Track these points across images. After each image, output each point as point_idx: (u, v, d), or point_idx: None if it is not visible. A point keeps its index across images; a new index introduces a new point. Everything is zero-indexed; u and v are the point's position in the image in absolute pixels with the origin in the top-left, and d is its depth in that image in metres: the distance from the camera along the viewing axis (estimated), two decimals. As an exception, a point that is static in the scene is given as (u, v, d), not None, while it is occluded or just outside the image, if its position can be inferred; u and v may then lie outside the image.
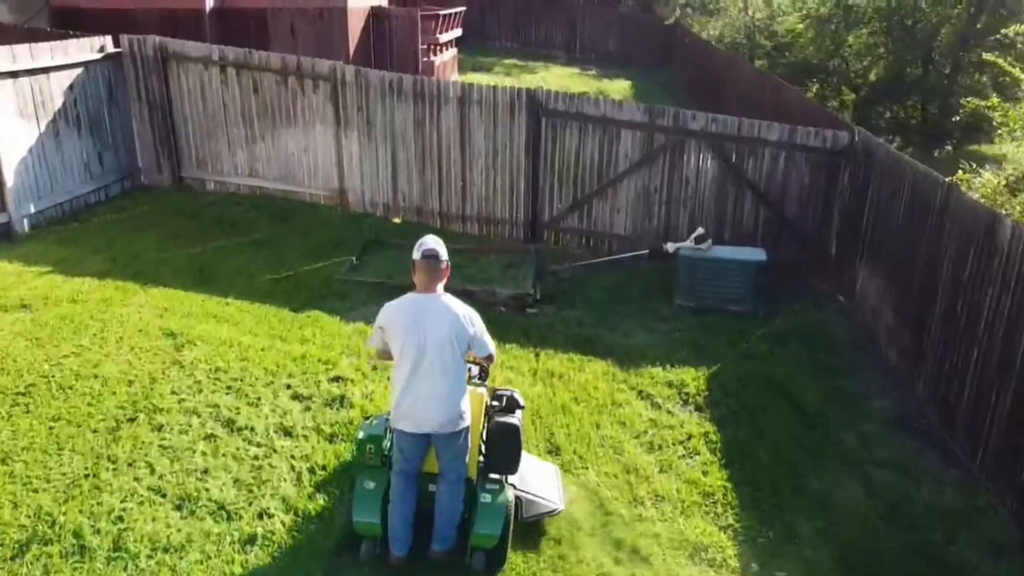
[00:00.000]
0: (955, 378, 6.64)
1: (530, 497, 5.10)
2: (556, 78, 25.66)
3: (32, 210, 9.38)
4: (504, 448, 4.89)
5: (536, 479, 5.29)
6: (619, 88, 24.65)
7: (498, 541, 4.71)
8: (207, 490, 5.25)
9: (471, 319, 4.62)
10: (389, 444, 4.87)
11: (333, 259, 9.38)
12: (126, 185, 11.04)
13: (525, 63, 27.43)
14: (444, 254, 4.59)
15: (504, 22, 30.35)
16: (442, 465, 4.71)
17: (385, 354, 4.70)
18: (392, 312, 4.60)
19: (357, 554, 4.75)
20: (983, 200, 7.53)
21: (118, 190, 10.88)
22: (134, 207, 10.46)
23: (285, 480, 5.44)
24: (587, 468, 6.00)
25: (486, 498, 4.75)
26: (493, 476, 4.91)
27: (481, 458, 4.98)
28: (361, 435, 4.96)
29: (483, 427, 4.97)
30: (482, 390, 5.10)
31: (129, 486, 5.18)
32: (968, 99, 12.76)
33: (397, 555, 4.67)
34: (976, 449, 6.25)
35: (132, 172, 11.17)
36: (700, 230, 9.14)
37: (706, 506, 5.75)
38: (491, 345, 4.78)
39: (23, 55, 9.13)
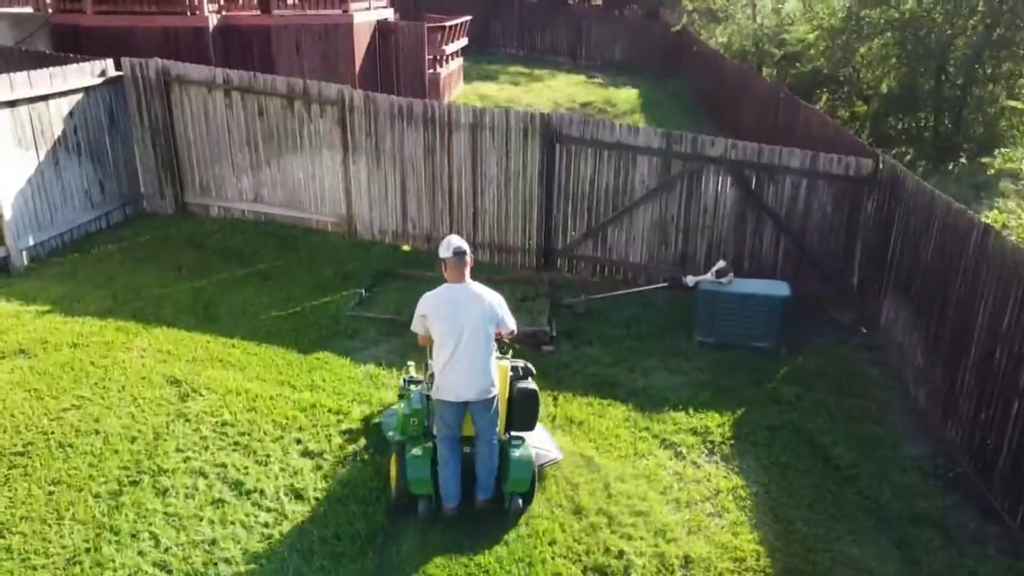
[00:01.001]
0: (992, 430, 6.35)
1: (537, 451, 5.95)
2: (563, 86, 25.44)
3: (31, 242, 9.12)
4: (526, 410, 5.83)
5: (535, 436, 6.06)
6: (626, 97, 24.38)
7: (529, 486, 5.65)
8: (215, 564, 4.98)
9: (500, 303, 5.52)
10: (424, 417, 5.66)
11: (341, 292, 9.11)
12: (128, 212, 10.77)
13: (531, 70, 27.19)
14: (468, 249, 5.52)
15: (509, 29, 30.09)
16: (479, 428, 5.52)
17: (427, 338, 5.51)
18: (433, 302, 5.41)
19: (415, 514, 5.40)
20: (1020, 242, 7.23)
21: (120, 217, 10.61)
22: (135, 236, 10.18)
23: (297, 550, 5.16)
24: (613, 531, 5.73)
25: (515, 453, 5.62)
26: (515, 434, 5.79)
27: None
28: (406, 410, 5.62)
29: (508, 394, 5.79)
30: (505, 362, 5.85)
31: (133, 562, 4.92)
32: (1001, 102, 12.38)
33: (451, 507, 5.48)
34: (1016, 507, 5.97)
35: (134, 198, 10.90)
36: (721, 263, 8.85)
37: (738, 573, 5.47)
38: (513, 322, 5.66)
39: (21, 83, 8.86)
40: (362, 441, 6.28)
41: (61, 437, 5.97)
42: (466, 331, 5.28)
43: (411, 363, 6.73)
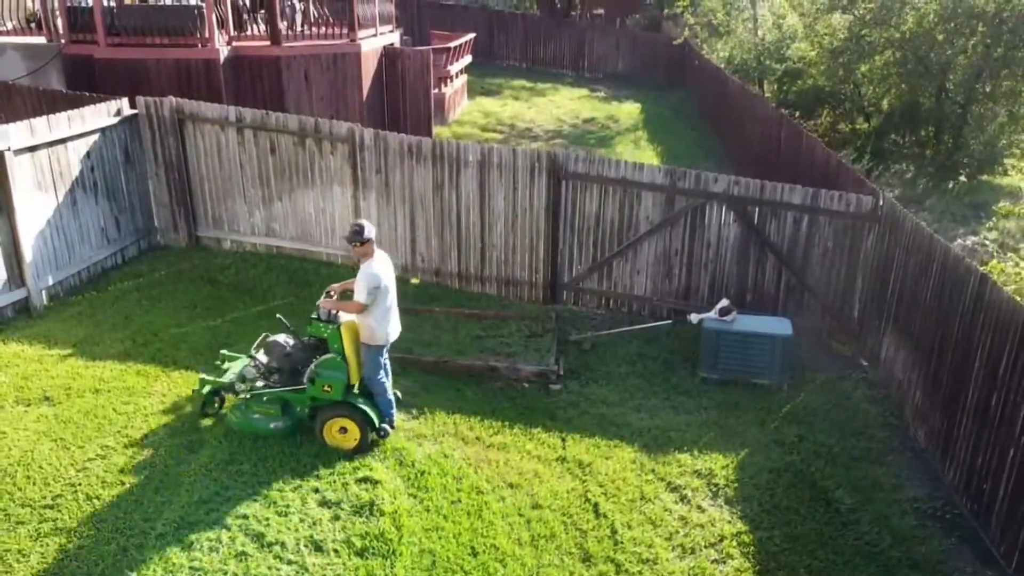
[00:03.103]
0: (989, 475, 6.55)
1: None
2: (566, 101, 25.65)
3: (51, 282, 9.34)
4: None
5: None
6: (629, 112, 24.58)
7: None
8: (240, 619, 5.18)
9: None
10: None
11: (353, 329, 9.30)
12: (142, 246, 11.00)
13: (534, 84, 27.39)
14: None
15: (513, 42, 30.30)
16: (388, 366, 7.18)
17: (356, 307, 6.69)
18: (383, 273, 6.68)
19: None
20: (1017, 293, 7.41)
21: (135, 252, 10.83)
22: (150, 272, 10.40)
23: (318, 606, 5.37)
24: (621, 581, 5.93)
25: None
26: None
27: None
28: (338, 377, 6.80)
29: None
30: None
31: (162, 619, 5.12)
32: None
33: (393, 428, 7.16)
34: (1012, 552, 6.16)
35: (148, 232, 11.13)
36: (724, 302, 9.05)
37: (742, 622, 5.67)
38: None
39: (41, 128, 9.08)
40: (379, 490, 6.47)
41: (88, 489, 6.18)
42: (392, 287, 6.85)
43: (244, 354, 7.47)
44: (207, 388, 7.19)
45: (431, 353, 8.89)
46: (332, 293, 7.05)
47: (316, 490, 6.42)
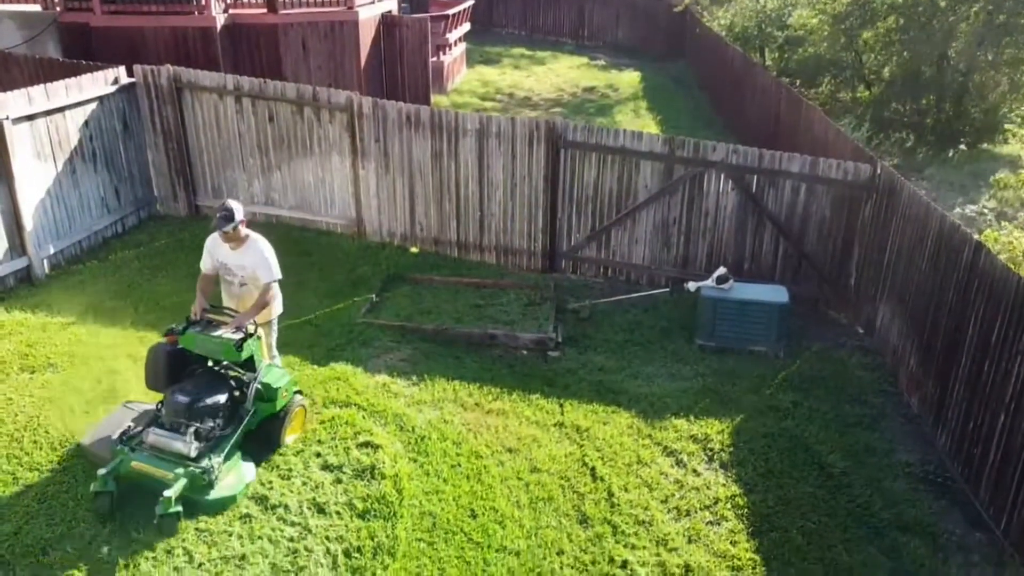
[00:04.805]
0: (980, 440, 6.66)
1: None
2: (565, 69, 25.47)
3: (51, 251, 9.39)
4: None
5: None
6: (629, 81, 24.42)
7: None
8: (246, 579, 5.31)
9: None
10: None
11: (353, 298, 9.39)
12: (142, 215, 11.03)
13: (533, 52, 27.17)
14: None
15: (512, 10, 30.00)
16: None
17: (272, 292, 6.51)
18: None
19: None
20: (1011, 262, 7.47)
21: (134, 221, 10.87)
22: (150, 241, 10.44)
23: (322, 566, 5.50)
24: (618, 541, 6.06)
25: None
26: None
27: None
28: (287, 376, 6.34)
29: None
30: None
31: (169, 578, 5.25)
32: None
33: None
34: (1000, 515, 6.29)
35: (148, 202, 11.16)
36: (721, 270, 9.11)
37: (736, 581, 5.81)
38: None
39: (39, 96, 9.06)
40: (380, 454, 6.59)
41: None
42: None
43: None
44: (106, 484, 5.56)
45: (430, 321, 8.97)
46: (209, 317, 6.18)
47: (318, 454, 6.52)
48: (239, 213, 6.20)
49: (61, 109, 9.41)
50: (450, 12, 19.50)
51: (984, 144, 17.23)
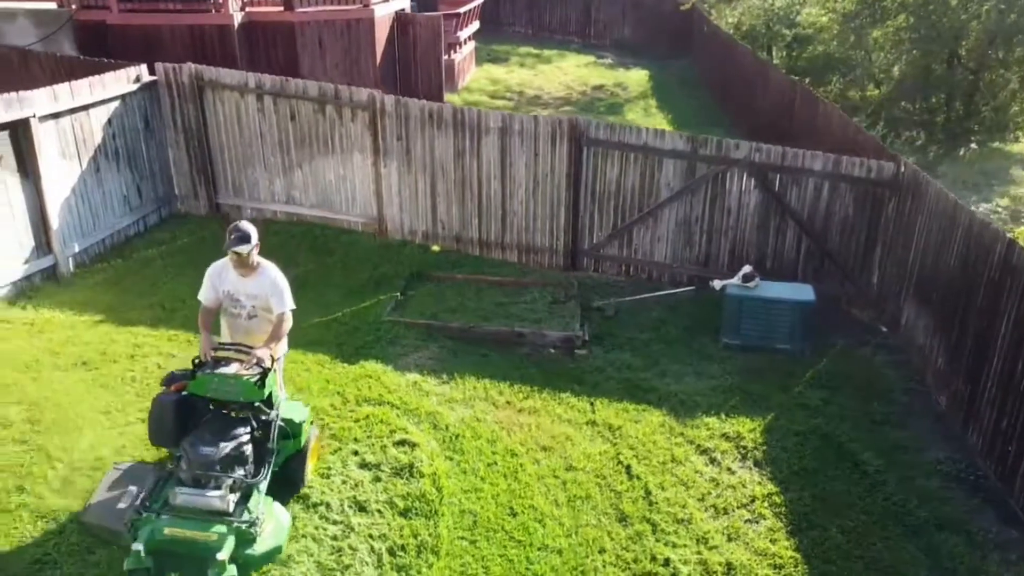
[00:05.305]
0: (1014, 438, 6.67)
1: None
2: (573, 68, 25.46)
3: (76, 249, 9.38)
4: None
5: None
6: (637, 79, 24.42)
7: None
8: (293, 578, 5.32)
9: None
10: None
11: (378, 296, 9.39)
12: (163, 213, 11.02)
13: (540, 51, 27.14)
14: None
15: (519, 8, 29.95)
16: None
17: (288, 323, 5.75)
18: None
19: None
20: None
21: (156, 220, 10.86)
22: (173, 240, 10.43)
23: (367, 564, 5.51)
24: (658, 539, 6.08)
25: None
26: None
27: None
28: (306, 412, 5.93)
29: None
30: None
31: (216, 577, 5.24)
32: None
33: None
34: (1037, 513, 6.32)
35: (169, 200, 11.14)
36: (748, 268, 9.13)
37: (777, 579, 5.83)
38: None
39: (64, 95, 9.05)
40: (417, 452, 6.60)
41: (133, 451, 6.28)
42: None
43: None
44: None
45: (456, 319, 8.97)
46: (218, 357, 5.48)
47: (355, 452, 6.53)
48: (255, 235, 5.47)
49: (86, 107, 9.40)
50: (461, 10, 19.48)
51: (995, 143, 17.28)
